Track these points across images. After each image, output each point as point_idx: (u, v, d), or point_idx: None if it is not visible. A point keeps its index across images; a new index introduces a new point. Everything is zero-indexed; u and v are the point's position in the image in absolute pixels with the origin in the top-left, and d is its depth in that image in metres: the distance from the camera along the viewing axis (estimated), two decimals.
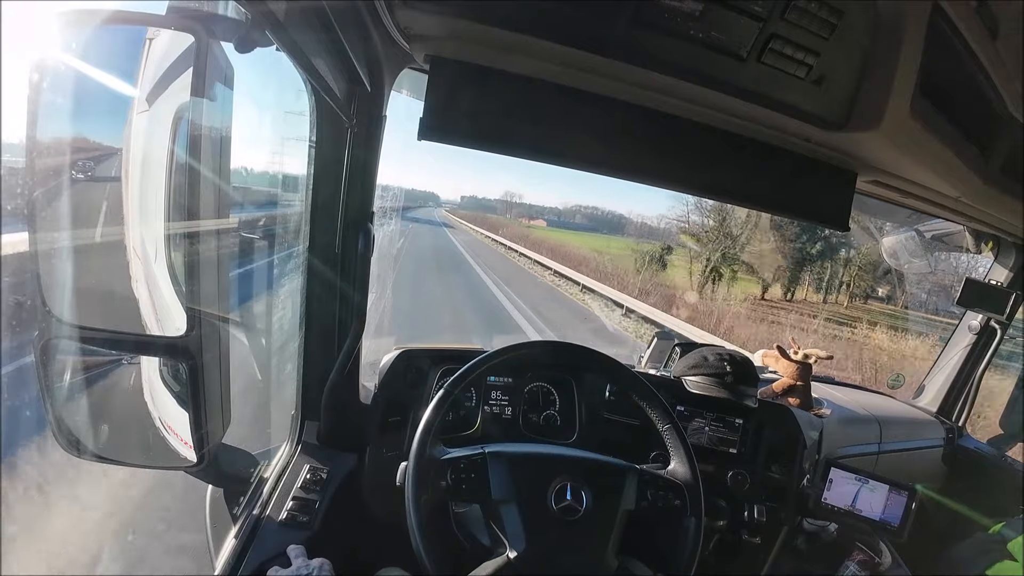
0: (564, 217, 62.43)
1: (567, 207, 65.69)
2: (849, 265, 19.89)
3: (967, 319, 2.13)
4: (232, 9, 0.70)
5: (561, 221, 59.56)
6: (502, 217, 58.23)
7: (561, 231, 46.37)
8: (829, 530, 1.57)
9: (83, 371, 0.81)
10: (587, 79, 0.99)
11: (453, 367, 1.24)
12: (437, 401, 1.06)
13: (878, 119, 0.97)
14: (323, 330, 1.26)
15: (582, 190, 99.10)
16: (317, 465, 1.25)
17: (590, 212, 61.18)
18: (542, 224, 55.34)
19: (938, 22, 0.88)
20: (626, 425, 1.48)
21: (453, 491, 1.01)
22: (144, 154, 0.77)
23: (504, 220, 56.11)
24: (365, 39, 0.96)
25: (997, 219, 1.63)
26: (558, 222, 58.08)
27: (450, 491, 1.00)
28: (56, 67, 0.67)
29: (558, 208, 67.23)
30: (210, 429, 0.81)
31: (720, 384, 1.51)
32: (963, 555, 1.62)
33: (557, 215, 63.32)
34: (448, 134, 1.00)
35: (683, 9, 0.84)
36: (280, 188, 2.12)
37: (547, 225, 54.86)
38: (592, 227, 51.53)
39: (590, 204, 66.05)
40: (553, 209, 66.54)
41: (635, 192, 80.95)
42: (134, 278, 0.80)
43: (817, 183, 1.22)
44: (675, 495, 1.08)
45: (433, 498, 0.99)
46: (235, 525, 1.09)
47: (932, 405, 2.22)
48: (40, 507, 1.43)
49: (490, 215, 61.89)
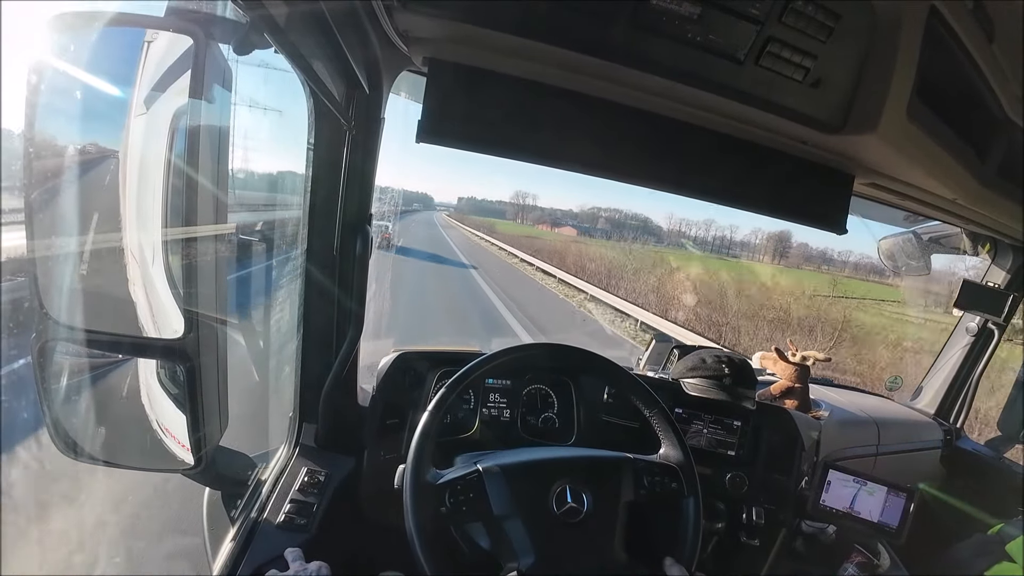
0: (588, 222, 54.78)
1: (584, 210, 58.93)
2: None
3: (964, 321, 2.14)
4: (231, 11, 0.70)
5: (594, 228, 52.29)
6: (514, 223, 53.52)
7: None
8: (828, 532, 1.57)
9: (80, 373, 0.81)
10: (585, 82, 0.99)
11: (451, 369, 1.24)
12: (435, 404, 1.06)
13: (875, 122, 0.97)
14: (321, 332, 1.26)
15: (598, 189, 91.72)
16: (315, 468, 1.24)
17: (638, 219, 52.65)
18: (572, 232, 48.01)
19: (935, 25, 0.88)
20: (625, 427, 1.48)
21: (453, 515, 1.00)
22: (142, 156, 0.77)
23: (526, 230, 48.82)
24: (363, 42, 0.96)
25: (994, 221, 1.64)
26: (591, 229, 50.77)
27: (450, 516, 0.99)
28: (54, 69, 0.67)
29: (574, 211, 60.46)
30: (207, 431, 0.81)
31: (718, 386, 1.51)
32: (962, 556, 1.62)
33: (592, 221, 55.61)
34: (446, 137, 1.00)
35: (681, 12, 0.84)
36: (278, 190, 2.12)
37: (578, 234, 47.24)
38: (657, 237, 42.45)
39: (635, 210, 56.94)
40: (570, 212, 60.16)
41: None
42: (131, 280, 0.80)
43: (814, 185, 1.22)
44: (671, 478, 1.10)
45: (434, 525, 0.97)
46: (232, 528, 1.09)
47: (930, 407, 2.22)
48: (37, 510, 1.42)
49: (499, 221, 57.58)
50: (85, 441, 0.82)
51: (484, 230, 48.67)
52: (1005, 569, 1.48)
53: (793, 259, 25.38)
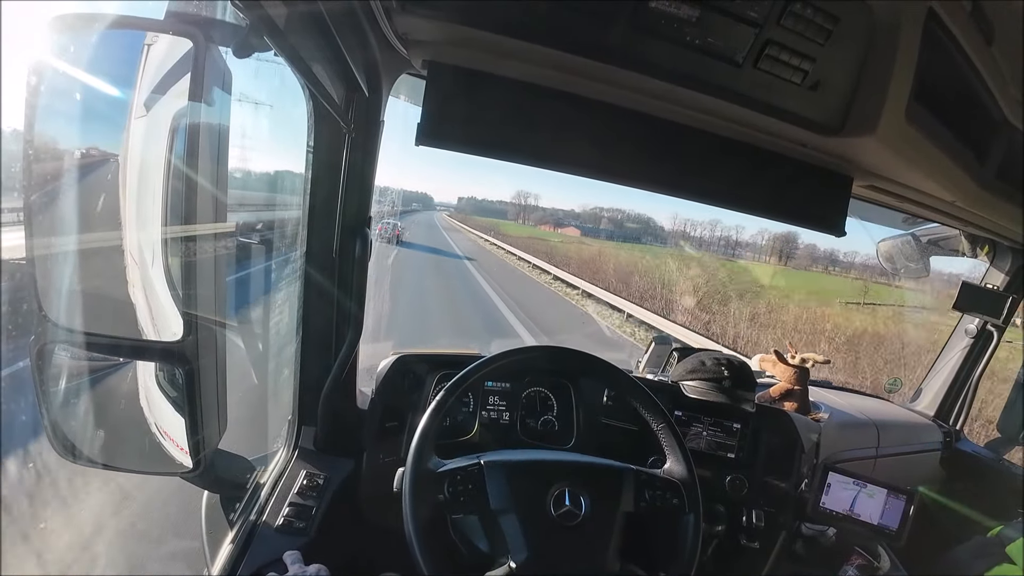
0: (590, 222, 55.01)
1: (587, 210, 59.17)
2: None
3: (964, 323, 2.14)
4: (230, 14, 0.70)
5: (594, 228, 52.74)
6: (515, 223, 53.62)
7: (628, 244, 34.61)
8: (828, 534, 1.57)
9: (79, 376, 0.81)
10: (584, 84, 0.99)
11: (450, 372, 1.24)
12: (434, 407, 1.06)
13: (874, 124, 0.98)
14: (320, 335, 1.26)
15: (599, 190, 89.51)
16: (314, 471, 1.24)
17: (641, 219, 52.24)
18: (575, 233, 49.49)
19: (933, 27, 0.89)
20: (624, 430, 1.48)
21: (451, 504, 1.00)
22: (142, 159, 0.77)
23: (528, 231, 47.70)
24: (363, 44, 0.96)
25: (993, 223, 1.64)
26: (592, 230, 51.44)
27: (448, 504, 1.00)
28: (54, 71, 0.67)
29: (575, 211, 60.31)
30: (206, 434, 0.80)
31: (718, 389, 1.51)
32: (962, 558, 1.62)
33: (593, 221, 55.20)
34: (445, 140, 1.00)
35: (680, 15, 0.84)
36: (277, 193, 2.12)
37: (581, 234, 47.81)
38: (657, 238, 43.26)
39: (639, 210, 56.59)
40: (572, 212, 60.03)
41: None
42: (131, 283, 0.80)
43: (813, 188, 1.22)
44: (673, 494, 1.09)
45: (431, 512, 0.98)
46: (231, 531, 1.08)
47: (929, 409, 2.22)
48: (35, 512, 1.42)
49: (501, 222, 57.32)
50: (84, 444, 0.82)
51: (492, 233, 47.34)
52: (1005, 571, 1.48)
53: (821, 263, 23.30)
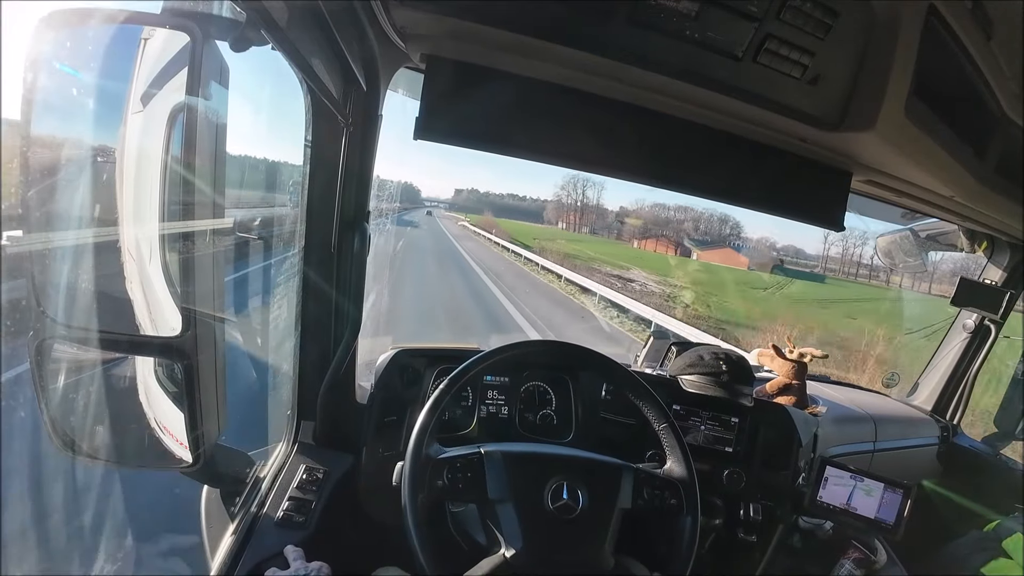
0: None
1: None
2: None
3: (962, 318, 2.14)
4: (227, 8, 0.70)
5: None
6: (556, 228, 34.43)
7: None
8: (825, 528, 1.58)
9: (78, 372, 0.81)
10: (583, 79, 0.99)
11: (449, 366, 1.24)
12: (433, 401, 1.06)
13: (873, 119, 0.97)
14: (319, 329, 1.26)
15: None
16: (313, 465, 1.25)
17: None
18: (731, 260, 32.66)
19: (933, 23, 0.88)
20: (622, 424, 1.48)
21: (449, 491, 1.01)
22: (139, 154, 0.77)
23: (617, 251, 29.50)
24: (361, 38, 0.96)
25: (992, 219, 1.64)
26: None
27: (446, 491, 1.01)
28: (51, 66, 0.67)
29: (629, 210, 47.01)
30: (206, 429, 0.80)
31: (716, 383, 1.51)
32: (959, 553, 1.63)
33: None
34: (443, 134, 1.00)
35: (679, 9, 0.84)
36: (275, 188, 2.12)
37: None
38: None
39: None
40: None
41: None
42: (128, 278, 0.80)
43: (812, 183, 1.22)
44: (671, 494, 1.09)
45: (429, 498, 0.99)
46: (231, 525, 1.09)
47: (927, 404, 2.23)
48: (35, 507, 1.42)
49: (533, 227, 40.71)
50: (83, 439, 0.82)
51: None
52: (1002, 565, 1.49)
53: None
